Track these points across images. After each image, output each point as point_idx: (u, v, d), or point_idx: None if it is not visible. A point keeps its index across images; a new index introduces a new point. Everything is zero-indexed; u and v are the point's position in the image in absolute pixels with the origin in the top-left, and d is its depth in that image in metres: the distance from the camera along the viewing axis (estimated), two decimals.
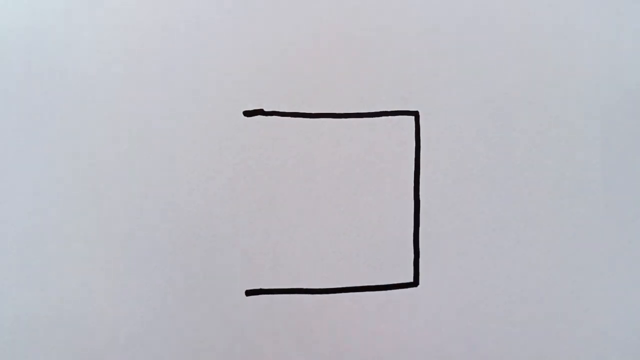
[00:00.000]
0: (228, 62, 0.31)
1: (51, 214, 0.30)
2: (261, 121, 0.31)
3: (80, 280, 0.30)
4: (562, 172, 0.31)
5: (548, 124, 0.31)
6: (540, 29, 0.32)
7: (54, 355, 0.29)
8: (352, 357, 0.31)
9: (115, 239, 0.30)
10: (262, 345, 0.31)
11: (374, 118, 0.31)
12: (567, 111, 0.32)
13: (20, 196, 0.30)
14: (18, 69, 0.30)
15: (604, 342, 0.30)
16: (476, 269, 0.30)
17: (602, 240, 0.31)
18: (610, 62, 0.32)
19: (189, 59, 0.31)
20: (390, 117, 0.31)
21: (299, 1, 0.31)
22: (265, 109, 0.31)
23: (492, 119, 0.31)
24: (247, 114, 0.31)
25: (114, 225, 0.30)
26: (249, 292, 0.31)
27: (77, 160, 0.30)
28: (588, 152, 0.31)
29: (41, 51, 0.30)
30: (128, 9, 0.31)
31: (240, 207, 0.31)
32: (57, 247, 0.30)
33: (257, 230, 0.31)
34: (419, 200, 0.31)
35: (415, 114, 0.31)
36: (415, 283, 0.31)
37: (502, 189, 0.31)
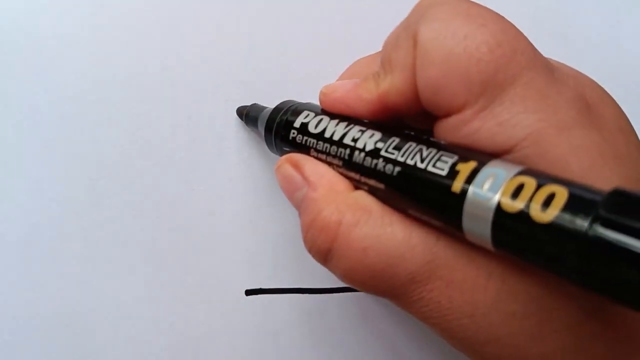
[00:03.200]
0: (228, 62, 0.31)
1: (51, 214, 0.30)
2: None
3: (80, 280, 0.30)
4: None
5: None
6: (540, 28, 0.32)
7: (54, 355, 0.29)
8: (352, 357, 0.31)
9: (115, 239, 0.30)
10: (262, 345, 0.31)
11: None
12: None
13: (20, 196, 0.30)
14: (18, 69, 0.30)
15: None
16: None
17: None
18: (610, 62, 0.32)
19: (188, 59, 0.31)
20: None
21: (299, 1, 0.31)
22: None
23: None
24: None
25: (114, 225, 0.30)
26: (249, 292, 0.31)
27: (77, 160, 0.30)
28: None
29: (41, 51, 0.30)
30: (128, 9, 0.31)
31: (240, 207, 0.31)
32: (57, 247, 0.30)
33: (257, 230, 0.31)
34: None
35: None
36: None
37: None
